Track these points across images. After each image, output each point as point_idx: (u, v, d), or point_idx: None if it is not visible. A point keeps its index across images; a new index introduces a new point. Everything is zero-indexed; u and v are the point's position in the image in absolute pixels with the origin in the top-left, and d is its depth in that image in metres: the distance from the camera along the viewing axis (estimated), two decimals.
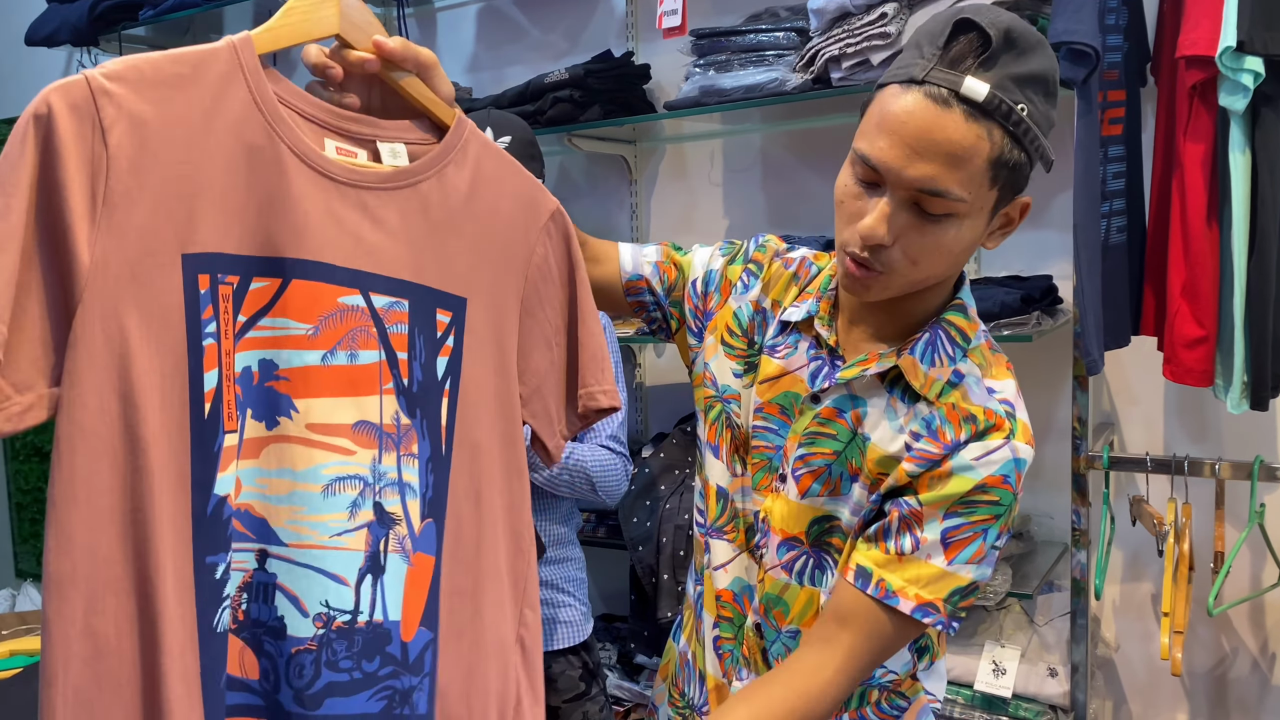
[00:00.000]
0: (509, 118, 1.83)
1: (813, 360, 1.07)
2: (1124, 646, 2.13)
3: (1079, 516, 1.85)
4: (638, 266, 1.19)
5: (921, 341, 1.01)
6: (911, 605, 0.97)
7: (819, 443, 1.05)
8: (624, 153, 2.52)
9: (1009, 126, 0.90)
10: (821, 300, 1.08)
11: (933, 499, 0.97)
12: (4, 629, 1.77)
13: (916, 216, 0.93)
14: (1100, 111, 1.72)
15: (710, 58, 2.12)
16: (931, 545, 0.97)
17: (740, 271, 1.16)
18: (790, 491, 1.06)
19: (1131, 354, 1.99)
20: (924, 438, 0.99)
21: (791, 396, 1.08)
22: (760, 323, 1.13)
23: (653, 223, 2.55)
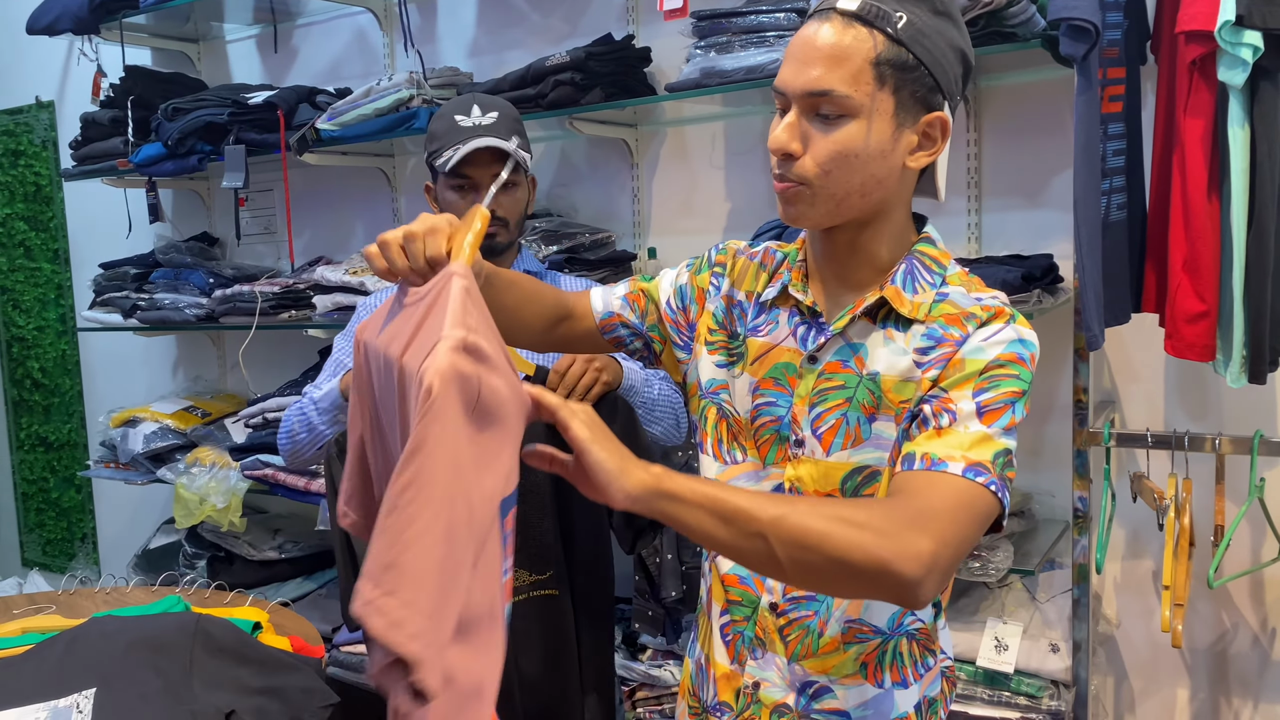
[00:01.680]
0: (494, 98, 1.85)
1: (797, 327, 1.12)
2: (1125, 623, 2.14)
3: (1080, 494, 1.86)
4: (608, 305, 1.26)
5: (900, 272, 1.08)
6: (961, 466, 0.96)
7: (829, 397, 1.08)
8: (625, 136, 2.52)
9: (887, 30, 0.99)
10: (793, 271, 1.15)
11: (956, 381, 1.01)
12: (14, 608, 1.79)
13: (817, 123, 1.01)
14: (1100, 89, 1.72)
15: (711, 39, 2.12)
16: (967, 416, 0.99)
17: (709, 277, 1.22)
18: (815, 452, 1.09)
19: (1132, 331, 2.00)
20: (934, 347, 1.04)
21: (783, 367, 1.12)
22: (738, 314, 1.18)
23: (654, 206, 2.56)
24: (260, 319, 2.74)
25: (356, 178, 3.00)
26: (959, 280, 1.09)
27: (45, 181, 3.83)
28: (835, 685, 1.13)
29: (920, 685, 1.15)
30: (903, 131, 1.03)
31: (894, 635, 1.13)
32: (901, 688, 1.14)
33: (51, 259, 3.87)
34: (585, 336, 1.27)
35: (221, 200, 3.34)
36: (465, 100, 1.81)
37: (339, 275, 2.66)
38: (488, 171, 1.76)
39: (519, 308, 1.18)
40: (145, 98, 2.99)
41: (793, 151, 1.02)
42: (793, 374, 1.11)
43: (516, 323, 1.18)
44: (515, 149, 1.75)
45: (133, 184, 3.20)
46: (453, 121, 1.77)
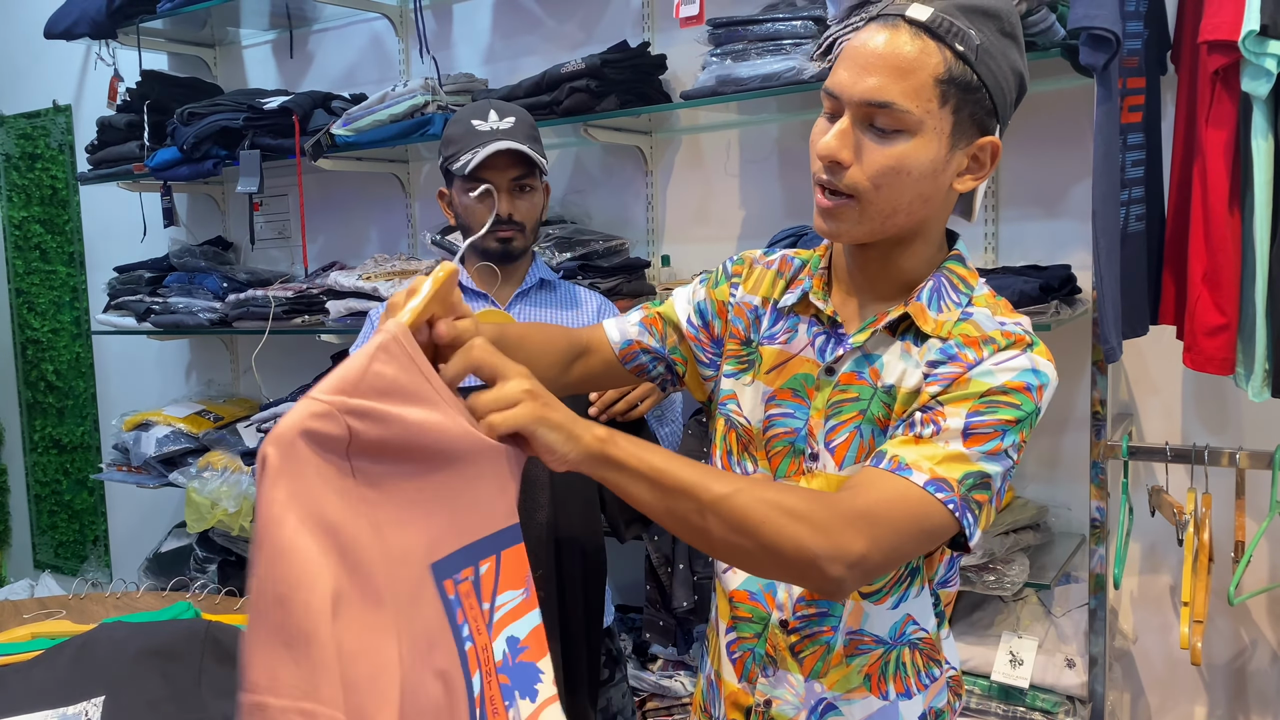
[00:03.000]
0: (510, 104, 1.86)
1: (816, 337, 1.10)
2: (1142, 638, 2.12)
3: (1097, 507, 1.84)
4: (625, 334, 1.23)
5: (926, 289, 1.05)
6: (925, 478, 0.94)
7: (844, 410, 1.07)
8: (640, 143, 2.51)
9: (956, 46, 0.96)
10: (814, 278, 1.12)
11: (954, 398, 0.99)
12: (25, 613, 1.79)
13: (871, 134, 0.98)
14: (1120, 98, 1.70)
15: (727, 47, 2.11)
16: (951, 433, 0.96)
17: (727, 289, 1.20)
18: (828, 466, 1.07)
19: (1150, 343, 1.98)
20: (945, 363, 1.01)
21: (802, 378, 1.10)
22: (754, 320, 1.16)
23: (669, 214, 2.55)
24: (273, 324, 2.74)
25: (371, 183, 3.01)
26: (985, 302, 1.06)
27: (61, 185, 3.85)
28: (840, 701, 1.11)
29: (925, 696, 1.13)
30: (955, 153, 1.00)
31: (896, 645, 1.10)
32: (906, 699, 1.12)
33: (67, 262, 3.89)
34: (604, 370, 1.24)
35: (236, 205, 3.34)
36: (482, 106, 1.81)
37: (352, 280, 2.65)
38: (505, 175, 1.76)
39: (533, 360, 1.11)
40: (161, 102, 3.01)
41: (843, 160, 0.98)
42: (811, 385, 1.09)
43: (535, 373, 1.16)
44: (533, 154, 1.76)
45: (148, 188, 3.21)
46: (470, 126, 1.77)
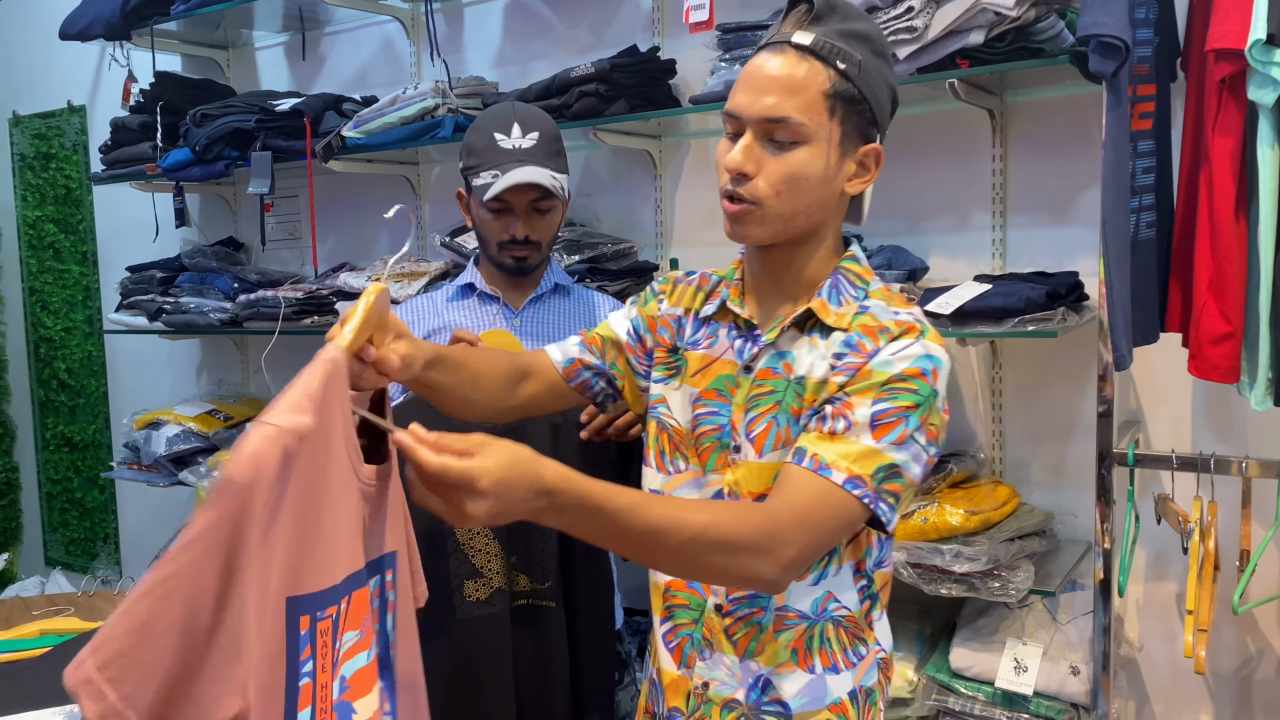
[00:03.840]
0: (534, 112, 1.83)
1: (735, 340, 1.22)
2: (1147, 646, 2.11)
3: (1103, 514, 1.84)
4: (566, 354, 1.33)
5: (826, 286, 1.18)
6: (843, 477, 1.06)
7: (761, 402, 1.17)
8: (649, 147, 2.52)
9: (839, 65, 1.09)
10: (730, 287, 1.24)
11: (859, 389, 1.10)
12: (34, 609, 1.80)
13: (771, 148, 1.10)
14: (1130, 105, 1.70)
15: (736, 52, 2.12)
16: (861, 427, 1.08)
17: (655, 305, 1.32)
18: (748, 455, 1.17)
19: (1157, 351, 1.98)
20: (847, 354, 1.13)
21: (725, 379, 1.21)
22: (678, 330, 1.28)
23: (677, 218, 2.56)
24: (283, 324, 2.76)
25: (381, 185, 3.02)
26: (880, 295, 1.18)
27: (75, 185, 3.88)
28: (773, 676, 1.19)
29: (854, 674, 1.21)
30: (845, 160, 1.13)
31: (819, 620, 1.19)
32: (833, 673, 1.20)
33: (80, 261, 3.91)
34: (547, 391, 1.32)
35: (247, 206, 3.36)
36: (505, 114, 1.79)
37: (362, 282, 2.67)
38: (524, 198, 1.76)
39: (476, 381, 1.22)
40: (174, 103, 3.03)
41: (747, 171, 1.10)
42: (732, 384, 1.20)
43: (478, 394, 1.23)
44: (554, 179, 1.74)
45: (160, 188, 3.23)
46: (492, 140, 1.75)
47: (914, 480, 1.10)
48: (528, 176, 1.73)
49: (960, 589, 1.88)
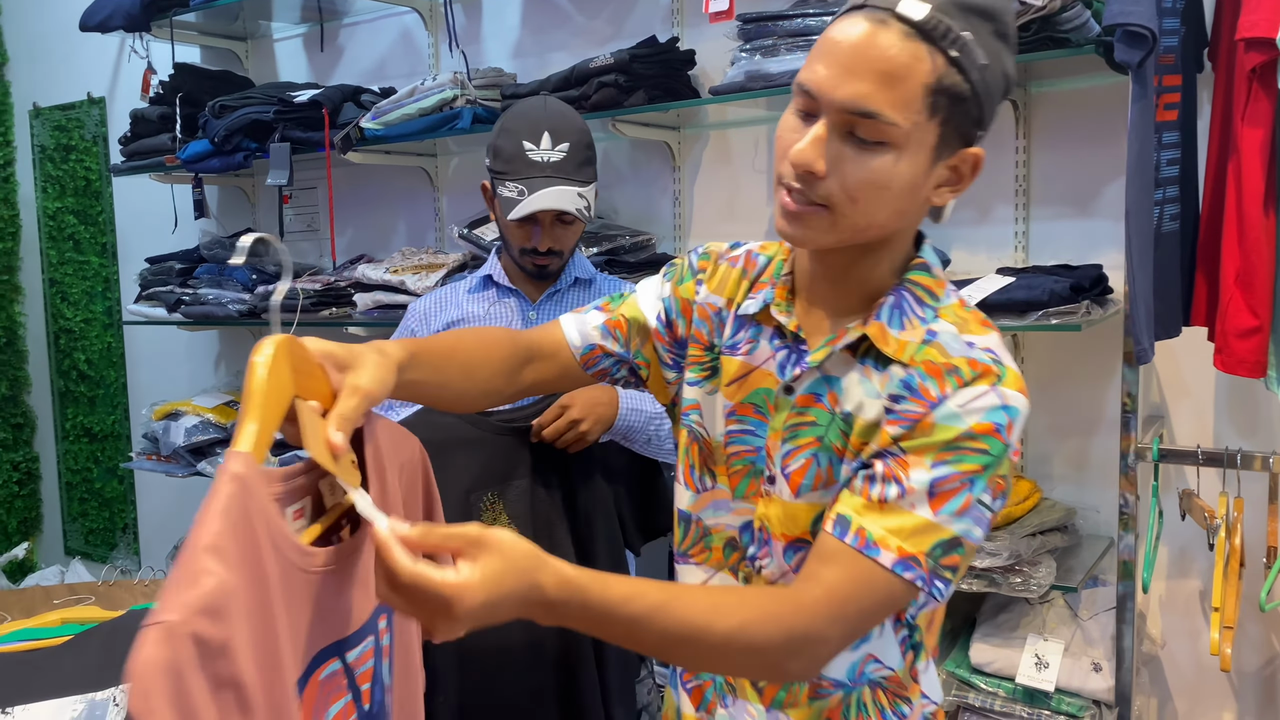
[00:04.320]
0: (566, 116, 1.80)
1: (778, 350, 1.03)
2: (1170, 643, 2.09)
3: (1127, 510, 1.82)
4: (586, 338, 1.14)
5: (886, 306, 0.97)
6: (893, 558, 0.90)
7: (801, 434, 1.00)
8: (668, 138, 2.51)
9: (950, 51, 0.87)
10: (777, 287, 1.04)
11: (918, 446, 0.91)
12: (55, 598, 1.81)
13: (851, 145, 0.89)
14: (1155, 96, 1.68)
15: (757, 42, 2.10)
16: (917, 495, 0.90)
17: (693, 286, 1.12)
18: (783, 492, 1.01)
19: (1181, 345, 1.95)
20: (906, 398, 0.93)
21: (763, 393, 1.03)
22: (717, 325, 1.09)
23: (695, 210, 2.55)
24: (301, 316, 2.76)
25: (399, 177, 3.02)
26: (952, 316, 0.97)
27: (95, 176, 3.89)
28: None
29: None
30: (938, 166, 0.93)
31: (856, 686, 1.04)
32: None
33: (100, 253, 3.93)
34: (560, 375, 1.15)
35: (265, 197, 3.37)
36: (535, 119, 1.76)
37: (380, 274, 2.67)
38: (550, 211, 1.75)
39: (468, 372, 1.06)
40: (194, 95, 3.03)
41: (818, 172, 0.90)
42: (771, 401, 1.02)
43: (472, 385, 1.06)
44: (580, 197, 1.74)
45: (179, 180, 3.24)
46: (520, 149, 1.74)
47: (977, 546, 0.94)
48: (553, 202, 1.72)
49: (981, 584, 1.87)
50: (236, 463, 0.73)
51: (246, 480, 0.73)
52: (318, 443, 0.81)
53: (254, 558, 0.73)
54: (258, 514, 0.74)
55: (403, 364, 0.94)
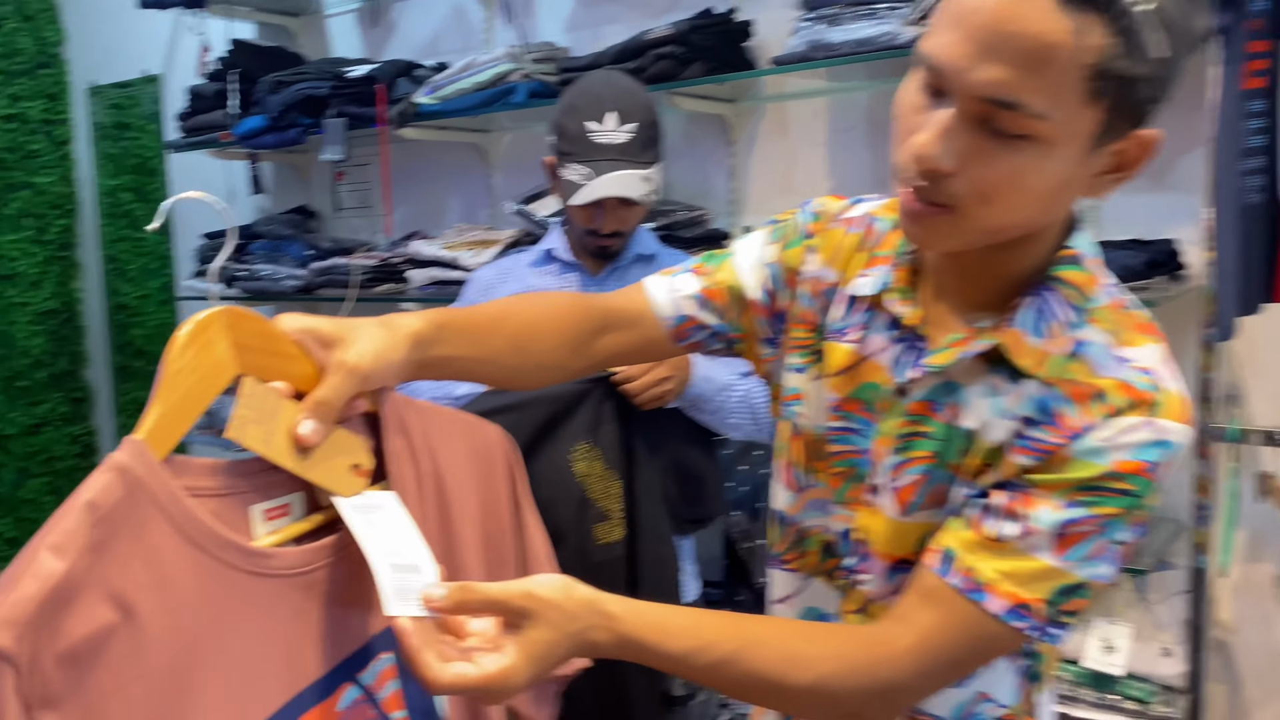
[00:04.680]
0: (633, 94, 1.74)
1: (893, 344, 0.88)
2: (1242, 629, 2.03)
3: (1202, 492, 1.77)
4: (678, 308, 1.00)
5: (1026, 308, 0.81)
6: (1003, 605, 0.78)
7: (915, 445, 0.86)
8: (723, 111, 2.47)
9: (1119, 22, 0.67)
10: (897, 268, 0.89)
11: (1049, 482, 0.78)
12: None
13: (986, 137, 0.72)
14: (1242, 63, 1.61)
15: (819, 11, 2.06)
16: (1041, 538, 0.77)
17: (801, 253, 0.97)
18: (888, 508, 0.88)
19: (1259, 322, 1.89)
20: (1040, 424, 0.79)
21: (872, 389, 0.89)
22: (825, 304, 0.94)
23: (752, 185, 2.51)
24: (357, 291, 2.77)
25: (452, 154, 3.01)
26: (1106, 322, 0.81)
27: (150, 154, 3.93)
28: None
29: None
30: (1096, 155, 0.75)
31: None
32: None
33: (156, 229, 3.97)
34: (643, 346, 1.01)
35: (318, 174, 3.38)
36: (600, 97, 1.71)
37: (434, 250, 2.66)
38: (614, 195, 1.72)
39: (520, 347, 0.92)
40: (249, 71, 3.04)
41: (943, 169, 0.74)
42: (881, 399, 0.89)
43: (527, 361, 0.93)
44: (646, 181, 1.70)
45: (234, 156, 3.25)
46: (584, 130, 1.69)
47: (1107, 585, 0.81)
48: (618, 189, 1.68)
49: None
50: (123, 452, 0.62)
51: (131, 471, 0.62)
52: (272, 434, 0.70)
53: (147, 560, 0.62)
54: (153, 510, 0.62)
55: (420, 338, 0.81)
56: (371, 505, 0.75)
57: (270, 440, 0.71)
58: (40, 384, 4.21)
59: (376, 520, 0.75)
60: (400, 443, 0.80)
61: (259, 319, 0.72)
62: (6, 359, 4.10)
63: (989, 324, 0.83)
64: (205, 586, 0.65)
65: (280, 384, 0.73)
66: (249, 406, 0.70)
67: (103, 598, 0.59)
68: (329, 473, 0.74)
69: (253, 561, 0.69)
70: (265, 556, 0.70)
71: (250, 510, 0.72)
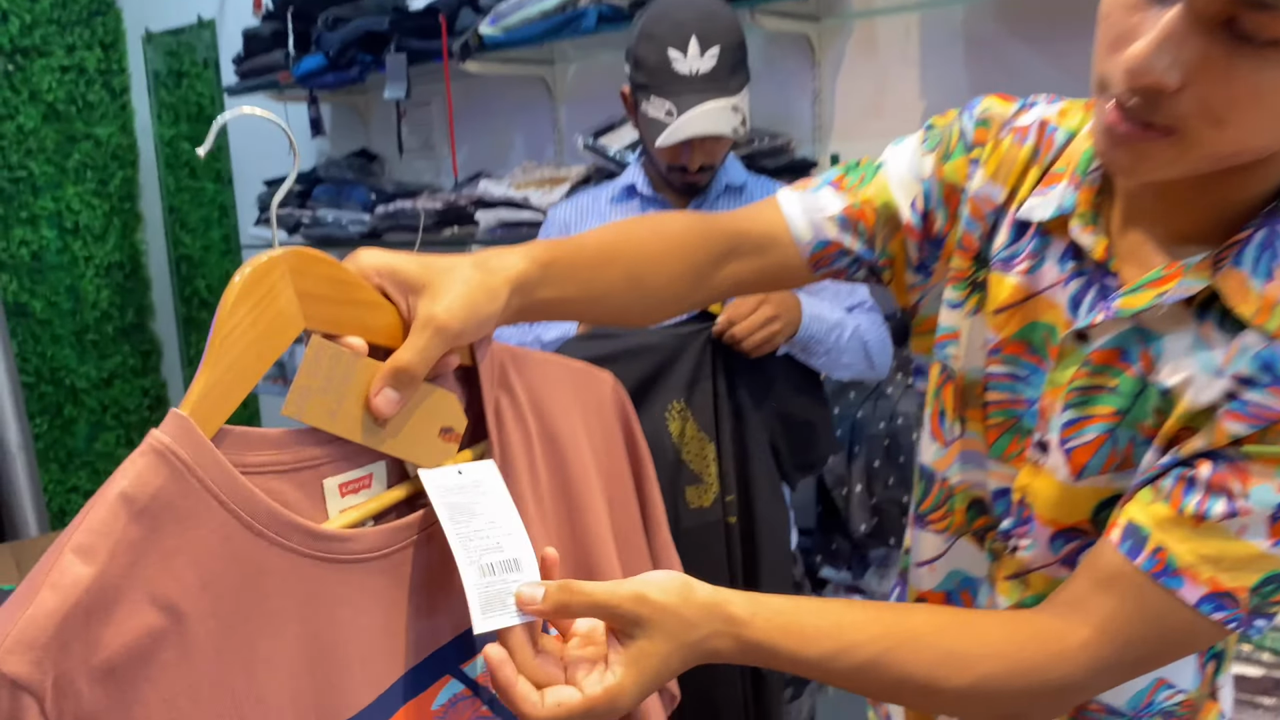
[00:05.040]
0: (714, 14, 1.58)
1: (1072, 277, 0.75)
2: None
3: None
4: (818, 231, 0.88)
5: (1251, 243, 0.66)
6: (1200, 592, 0.67)
7: (1095, 400, 0.74)
8: (807, 30, 2.31)
9: None
10: (1082, 188, 0.75)
11: (1269, 455, 0.65)
12: None
13: (1225, 43, 0.58)
14: None
15: None
16: (1254, 519, 0.65)
17: (963, 166, 0.83)
18: (1058, 470, 0.76)
19: None
20: (1263, 387, 0.66)
21: (1044, 330, 0.77)
22: (990, 228, 0.81)
23: (838, 110, 2.36)
24: (423, 235, 2.68)
25: (515, 88, 2.89)
26: None
27: (207, 101, 3.86)
28: None
29: None
30: None
31: (1140, 718, 0.83)
32: None
33: (214, 179, 3.92)
34: (772, 273, 0.89)
35: (379, 116, 3.28)
36: (680, 21, 1.57)
37: (502, 190, 2.56)
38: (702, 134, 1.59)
39: (636, 280, 0.81)
40: (305, 9, 2.94)
41: (1168, 86, 0.60)
42: (1054, 343, 0.76)
43: (641, 297, 0.83)
44: (735, 112, 1.57)
45: (293, 99, 3.17)
46: (665, 59, 1.56)
47: None
48: (706, 126, 1.55)
49: None
50: (164, 429, 0.53)
51: (173, 454, 0.53)
52: (341, 403, 0.60)
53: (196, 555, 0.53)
54: (202, 496, 0.54)
55: (524, 282, 0.71)
56: (463, 480, 0.65)
57: (338, 411, 0.61)
58: (109, 337, 4.22)
59: (467, 500, 0.64)
60: (503, 399, 0.70)
61: (330, 262, 0.62)
62: (75, 313, 4.11)
63: (1199, 260, 0.68)
64: (267, 580, 0.57)
65: (355, 340, 0.63)
66: (314, 373, 0.60)
67: (144, 601, 0.51)
68: (412, 441, 0.64)
69: (324, 546, 0.59)
70: (339, 540, 0.60)
71: (324, 485, 0.62)
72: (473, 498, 0.64)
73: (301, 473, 0.60)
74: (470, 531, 0.62)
